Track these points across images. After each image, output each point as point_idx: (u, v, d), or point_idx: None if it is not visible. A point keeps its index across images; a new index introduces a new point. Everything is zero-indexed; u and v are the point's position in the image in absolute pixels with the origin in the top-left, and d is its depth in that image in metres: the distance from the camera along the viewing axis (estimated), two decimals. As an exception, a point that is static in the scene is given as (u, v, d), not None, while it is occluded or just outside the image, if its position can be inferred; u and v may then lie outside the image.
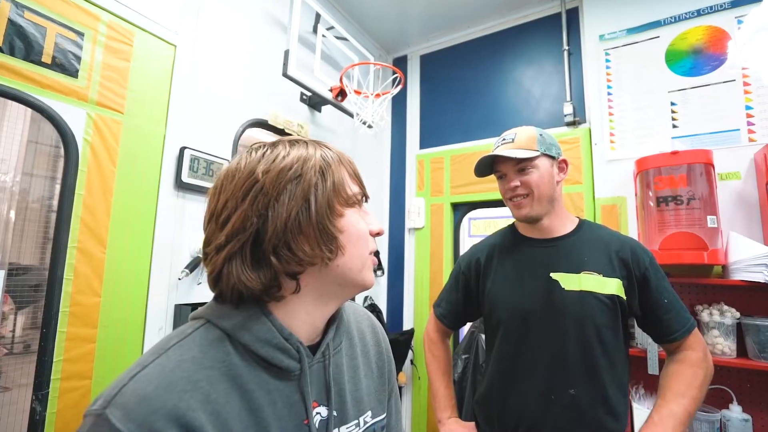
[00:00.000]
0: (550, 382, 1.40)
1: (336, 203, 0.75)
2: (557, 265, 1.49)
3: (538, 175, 1.49)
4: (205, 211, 0.76)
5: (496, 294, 1.57)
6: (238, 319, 0.71)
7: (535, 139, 1.51)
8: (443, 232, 3.60)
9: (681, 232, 2.28)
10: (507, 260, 1.60)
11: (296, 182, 0.71)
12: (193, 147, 2.14)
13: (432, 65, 4.02)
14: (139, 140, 1.93)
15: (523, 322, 1.47)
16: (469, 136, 3.64)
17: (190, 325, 0.72)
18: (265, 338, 0.71)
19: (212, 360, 0.67)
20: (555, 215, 1.56)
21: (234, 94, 2.46)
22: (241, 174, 0.72)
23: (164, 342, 0.68)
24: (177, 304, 2.02)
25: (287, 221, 0.69)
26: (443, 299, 1.78)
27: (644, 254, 1.47)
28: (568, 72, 3.22)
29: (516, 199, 1.53)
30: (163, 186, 2.02)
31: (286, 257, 0.70)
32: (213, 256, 0.71)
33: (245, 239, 0.69)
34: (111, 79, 1.85)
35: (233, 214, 0.70)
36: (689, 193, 2.30)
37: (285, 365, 0.72)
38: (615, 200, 2.82)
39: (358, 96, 3.03)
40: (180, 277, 2.02)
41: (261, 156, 0.74)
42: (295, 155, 0.74)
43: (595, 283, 1.42)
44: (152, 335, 1.92)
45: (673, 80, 2.76)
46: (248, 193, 0.70)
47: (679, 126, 2.70)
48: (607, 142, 2.92)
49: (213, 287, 0.74)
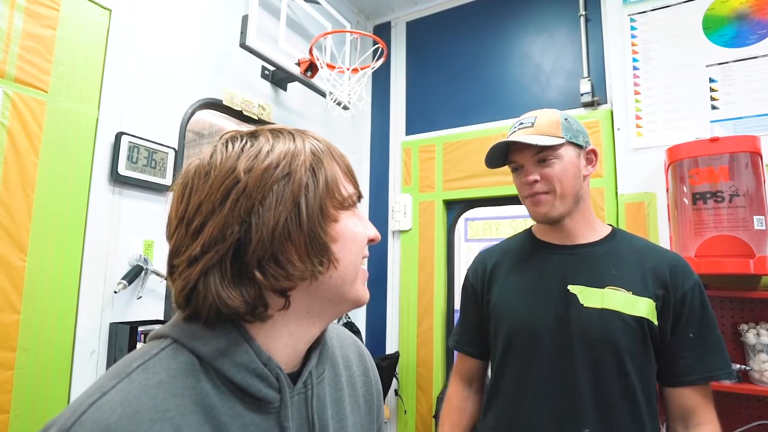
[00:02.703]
0: (559, 420, 1.39)
1: (329, 206, 0.76)
2: (577, 277, 1.47)
3: (561, 168, 1.47)
4: (168, 213, 0.76)
5: (502, 307, 1.56)
6: (217, 344, 0.71)
7: (559, 123, 1.49)
8: (434, 235, 3.65)
9: (722, 236, 2.29)
10: (519, 268, 1.60)
11: (284, 182, 0.72)
12: (131, 133, 2.18)
13: (420, 34, 4.07)
14: (66, 125, 1.96)
15: (531, 342, 1.46)
16: (466, 120, 3.70)
17: (153, 345, 0.72)
18: (242, 362, 0.72)
19: (182, 387, 0.68)
20: (580, 216, 1.55)
21: (181, 69, 2.50)
22: (218, 172, 0.72)
23: (125, 364, 0.69)
24: (113, 323, 2.05)
25: (274, 229, 0.70)
26: (459, 326, 1.77)
27: (689, 274, 1.44)
28: (585, 42, 3.29)
29: (534, 196, 1.51)
30: (96, 180, 2.05)
31: (273, 272, 0.71)
32: (184, 270, 0.71)
33: (225, 250, 0.69)
34: (33, 50, 1.87)
35: (209, 220, 0.70)
36: (732, 188, 2.30)
37: (263, 395, 0.73)
38: (642, 197, 2.87)
39: (331, 71, 3.07)
40: (116, 290, 2.05)
41: (240, 150, 0.74)
42: (282, 149, 0.74)
43: (621, 301, 1.40)
44: (83, 360, 1.95)
45: (712, 52, 2.78)
46: (228, 196, 0.70)
47: (719, 107, 2.73)
48: (633, 126, 2.98)
49: (183, 306, 0.73)
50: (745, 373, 2.37)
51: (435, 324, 3.49)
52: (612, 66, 3.12)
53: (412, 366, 3.54)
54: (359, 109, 3.29)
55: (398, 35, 4.15)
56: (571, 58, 3.36)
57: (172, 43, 2.45)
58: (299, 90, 3.31)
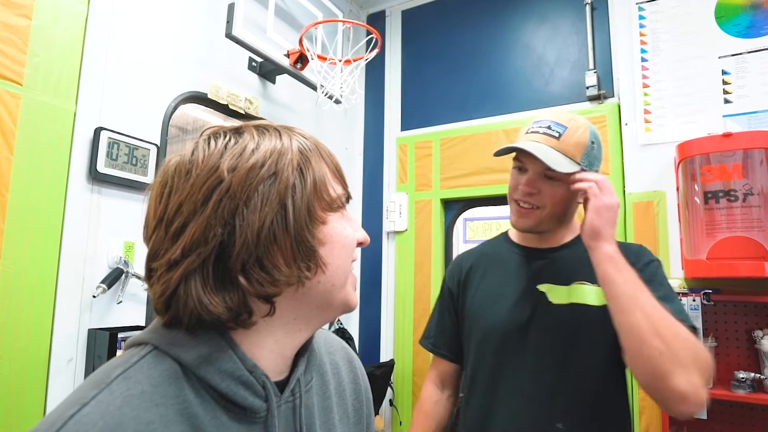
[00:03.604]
0: (533, 415, 1.47)
1: (317, 208, 0.76)
2: (546, 276, 1.58)
3: (562, 192, 1.50)
4: (146, 213, 0.77)
5: (476, 311, 1.67)
6: (200, 351, 0.72)
7: (584, 147, 1.49)
8: (431, 236, 3.66)
9: (735, 237, 2.31)
10: (494, 271, 1.70)
11: (270, 183, 0.72)
12: (111, 128, 2.19)
13: (417, 23, 4.09)
14: (42, 119, 1.97)
15: (502, 343, 1.56)
16: (465, 114, 3.71)
17: (133, 353, 0.73)
18: (226, 369, 0.72)
19: (164, 396, 0.68)
20: (559, 228, 1.64)
21: (164, 60, 2.51)
22: (200, 170, 0.71)
23: (104, 373, 0.69)
24: (91, 329, 2.07)
25: (260, 232, 0.70)
26: (433, 328, 1.85)
27: (646, 255, 1.54)
28: (591, 32, 3.31)
29: (524, 206, 1.55)
30: (74, 178, 2.06)
31: (258, 277, 0.71)
32: (164, 274, 0.71)
33: (207, 254, 0.69)
34: (6, 41, 1.88)
35: (190, 221, 0.70)
36: (746, 186, 2.32)
37: (248, 404, 0.73)
38: (651, 196, 2.90)
39: (322, 63, 3.08)
40: (95, 294, 2.06)
41: (223, 147, 0.74)
42: (268, 147, 0.74)
43: (587, 294, 1.49)
44: (59, 368, 1.96)
45: (725, 42, 2.80)
46: (210, 196, 0.70)
47: (732, 101, 2.75)
48: (641, 121, 3.00)
49: (163, 312, 0.73)
50: (760, 382, 2.39)
51: (432, 330, 3.47)
52: (619, 57, 3.15)
53: (408, 375, 3.55)
54: (352, 102, 3.30)
55: (393, 25, 4.16)
56: (575, 48, 3.38)
57: (155, 33, 2.46)
58: (288, 83, 3.32)
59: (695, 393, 1.20)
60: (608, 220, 1.37)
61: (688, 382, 1.20)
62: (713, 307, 2.56)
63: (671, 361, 1.21)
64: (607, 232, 1.37)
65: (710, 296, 2.46)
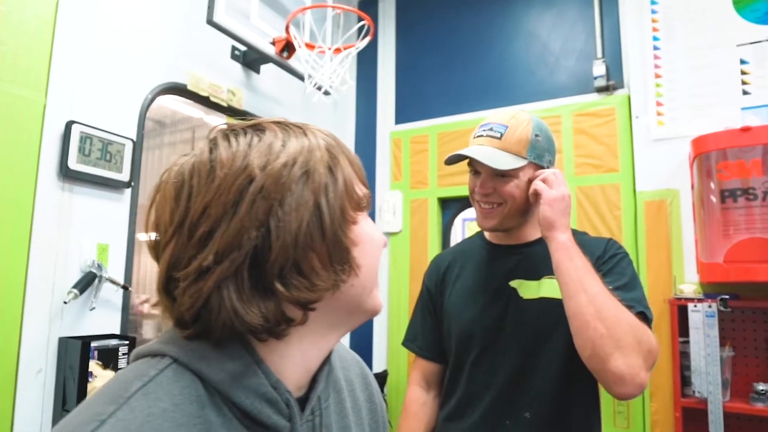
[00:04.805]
0: (503, 406, 1.62)
1: (348, 208, 0.77)
2: (517, 273, 1.71)
3: (516, 186, 1.64)
4: (154, 218, 0.75)
5: (452, 310, 1.79)
6: (227, 368, 0.71)
7: (527, 142, 1.64)
8: (428, 237, 3.68)
9: (754, 239, 2.32)
10: (469, 271, 1.83)
11: (303, 182, 0.72)
12: (84, 121, 2.20)
13: (413, 9, 4.10)
14: (10, 112, 1.98)
15: (477, 340, 1.69)
16: (463, 107, 3.73)
17: (149, 364, 0.71)
18: (250, 385, 0.72)
19: (186, 415, 0.67)
20: (528, 224, 1.75)
21: (140, 49, 2.52)
22: (227, 170, 0.70)
23: (121, 386, 0.67)
24: (62, 337, 2.08)
25: (297, 234, 0.70)
26: (416, 329, 1.95)
27: (615, 247, 1.68)
28: (599, 19, 3.33)
29: (485, 206, 1.69)
30: (43, 175, 2.07)
31: (296, 282, 0.70)
32: (192, 284, 0.69)
33: (241, 259, 0.68)
34: (-29, 28, 1.88)
35: (220, 224, 0.68)
36: (766, 184, 2.34)
37: (272, 423, 0.72)
38: (663, 194, 2.92)
39: (310, 51, 3.09)
40: (66, 300, 2.07)
41: (247, 145, 0.73)
42: (297, 145, 0.75)
43: (555, 288, 1.56)
44: (28, 379, 1.97)
45: (743, 30, 2.81)
46: (241, 197, 0.69)
47: (751, 92, 2.75)
48: (653, 114, 3.02)
49: (189, 324, 0.72)
50: (784, 394, 2.42)
51: (429, 339, 3.49)
52: (629, 45, 3.17)
53: (402, 386, 3.56)
54: (342, 94, 3.32)
55: (387, 10, 4.17)
56: (582, 36, 3.40)
57: (131, 20, 2.47)
58: (274, 73, 3.34)
59: (633, 375, 1.34)
60: (560, 211, 1.52)
61: (625, 365, 1.34)
62: (730, 314, 2.59)
63: (611, 344, 1.35)
64: (560, 222, 1.52)
65: (727, 302, 2.46)
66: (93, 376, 2.02)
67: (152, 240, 0.76)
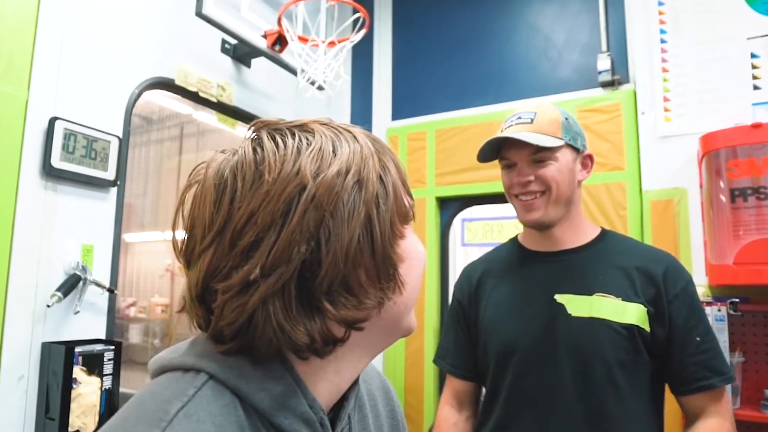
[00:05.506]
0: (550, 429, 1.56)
1: (397, 221, 0.75)
2: (564, 285, 1.64)
3: (557, 170, 1.61)
4: (189, 221, 0.73)
5: (489, 324, 1.73)
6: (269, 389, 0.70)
7: (559, 123, 1.64)
8: (425, 239, 3.69)
9: (765, 239, 2.33)
10: (505, 281, 1.77)
11: (355, 191, 0.69)
12: (68, 118, 2.20)
13: (410, 1, 4.10)
14: (-10, 108, 1.97)
15: (520, 358, 1.63)
16: (463, 102, 3.74)
17: (186, 381, 0.69)
18: (289, 405, 0.70)
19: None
20: (569, 223, 1.70)
21: (127, 42, 2.52)
22: (276, 174, 0.67)
23: (158, 407, 0.65)
24: (45, 342, 2.08)
25: (348, 248, 0.67)
26: (447, 345, 1.90)
27: (681, 274, 1.62)
28: (603, 10, 3.34)
29: (526, 198, 1.65)
30: (25, 173, 2.07)
31: (344, 300, 0.68)
32: (235, 297, 0.67)
33: (289, 274, 0.65)
34: (-50, 20, 1.88)
35: (267, 234, 0.66)
36: None
37: None
38: (671, 193, 2.92)
39: (303, 45, 3.09)
40: (50, 303, 2.07)
41: (296, 149, 0.70)
42: (348, 150, 0.72)
43: (610, 308, 1.55)
44: (9, 386, 1.97)
45: (754, 22, 2.81)
46: (294, 206, 0.66)
47: (762, 87, 2.76)
48: (660, 110, 3.03)
49: (228, 339, 0.70)
50: (793, 401, 2.42)
51: (426, 344, 3.55)
52: (635, 39, 3.18)
53: (399, 393, 3.57)
54: (337, 89, 3.32)
55: (383, 2, 4.18)
56: (587, 29, 3.41)
57: (116, 12, 2.47)
58: (266, 67, 3.34)
59: None
60: None
61: None
62: (741, 318, 2.59)
63: None
64: None
65: (737, 306, 2.47)
66: (77, 382, 2.02)
67: (183, 243, 0.74)
